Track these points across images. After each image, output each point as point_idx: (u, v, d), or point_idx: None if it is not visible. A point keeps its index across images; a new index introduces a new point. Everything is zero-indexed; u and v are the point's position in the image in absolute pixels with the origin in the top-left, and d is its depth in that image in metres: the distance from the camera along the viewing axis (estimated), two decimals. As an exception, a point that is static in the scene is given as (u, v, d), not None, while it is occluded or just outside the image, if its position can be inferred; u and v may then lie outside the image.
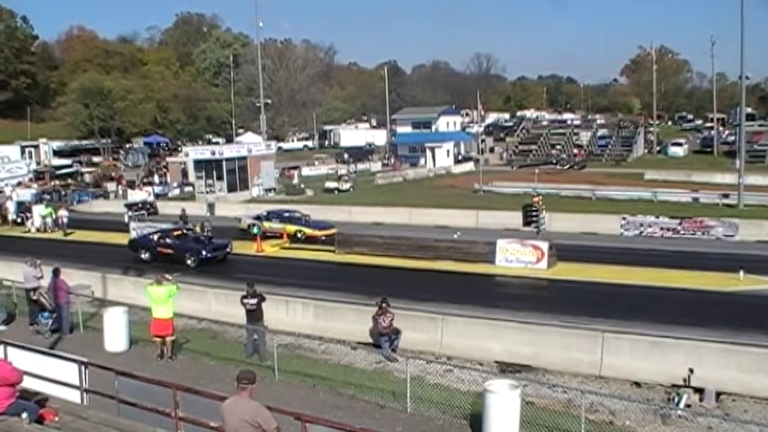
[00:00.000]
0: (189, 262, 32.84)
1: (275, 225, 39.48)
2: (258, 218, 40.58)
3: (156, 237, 35.01)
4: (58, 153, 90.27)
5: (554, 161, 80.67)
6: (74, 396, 13.46)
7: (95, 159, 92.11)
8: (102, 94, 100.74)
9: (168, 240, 34.47)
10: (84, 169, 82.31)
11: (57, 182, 69.69)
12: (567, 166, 77.98)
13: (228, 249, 34.64)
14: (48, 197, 58.44)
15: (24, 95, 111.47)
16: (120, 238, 40.20)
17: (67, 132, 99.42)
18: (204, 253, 33.28)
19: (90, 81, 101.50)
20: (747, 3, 46.84)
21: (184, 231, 36.31)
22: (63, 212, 45.35)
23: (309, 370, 17.80)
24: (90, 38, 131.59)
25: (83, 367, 13.66)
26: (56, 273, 21.62)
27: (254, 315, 19.26)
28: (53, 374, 13.71)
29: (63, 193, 63.53)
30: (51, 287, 21.48)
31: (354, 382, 16.91)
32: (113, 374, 13.24)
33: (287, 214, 40.73)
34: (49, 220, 44.76)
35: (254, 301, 19.21)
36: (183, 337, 20.40)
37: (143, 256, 34.13)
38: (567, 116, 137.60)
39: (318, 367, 18.20)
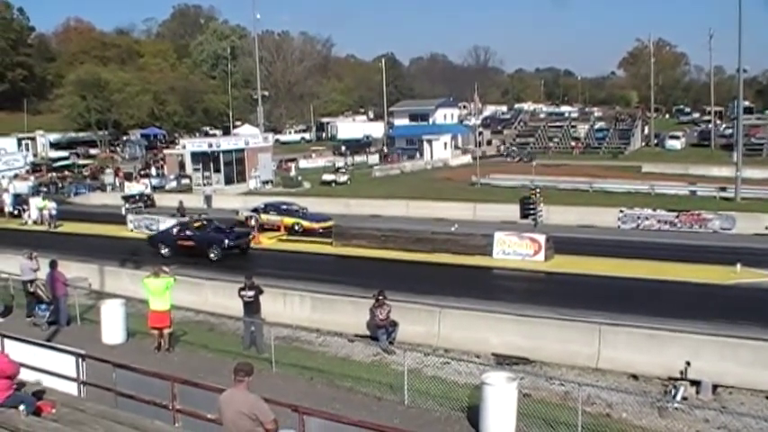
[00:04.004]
0: (212, 255, 32.12)
1: (273, 217, 39.47)
2: (256, 210, 40.57)
3: (175, 230, 34.26)
4: (54, 145, 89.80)
5: (505, 154, 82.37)
6: (71, 388, 13.46)
7: (92, 152, 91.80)
8: (99, 87, 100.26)
9: (188, 233, 33.61)
10: (80, 161, 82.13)
11: (54, 174, 69.54)
12: (516, 159, 79.16)
13: (251, 236, 34.30)
14: (45, 189, 58.30)
15: (21, 87, 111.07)
16: (118, 231, 40.33)
17: (64, 124, 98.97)
18: (227, 242, 32.55)
19: (87, 73, 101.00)
20: (745, -5, 46.82)
21: (204, 222, 35.23)
22: (51, 205, 45.10)
23: (307, 362, 17.83)
24: (87, 30, 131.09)
25: (80, 359, 13.65)
26: (53, 265, 21.58)
27: (252, 307, 19.26)
28: (50, 367, 13.70)
29: (59, 185, 63.43)
30: (49, 279, 21.44)
31: (352, 374, 16.94)
32: (111, 367, 13.23)
33: (284, 207, 40.74)
34: (45, 212, 44.63)
35: (251, 293, 19.20)
36: (180, 329, 20.41)
37: (163, 251, 33.25)
38: (564, 109, 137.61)
39: (316, 360, 18.23)
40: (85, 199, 59.21)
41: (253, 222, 38.96)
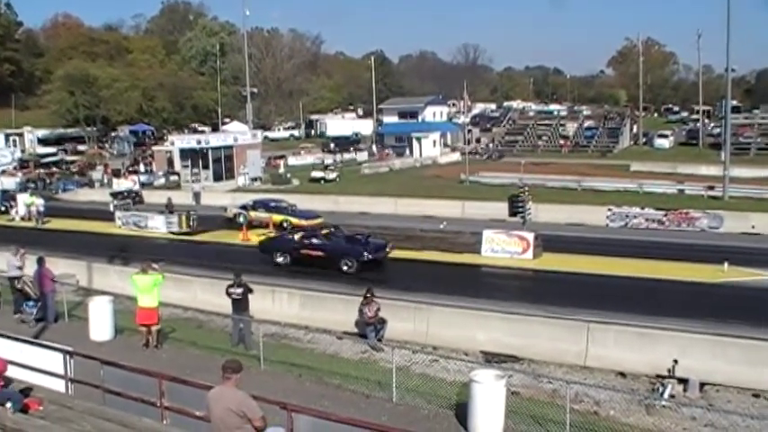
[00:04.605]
0: (345, 267, 28.24)
1: (261, 214, 39.40)
2: (244, 207, 40.51)
3: (298, 236, 30.57)
4: (42, 141, 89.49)
5: (474, 152, 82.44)
6: (59, 385, 13.42)
7: (80, 148, 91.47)
8: (88, 82, 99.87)
9: (316, 241, 29.79)
10: (69, 158, 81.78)
11: (41, 170, 69.26)
12: (485, 157, 79.98)
13: (388, 249, 29.81)
14: (32, 186, 58.06)
15: (8, 83, 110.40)
16: (106, 227, 40.22)
17: (52, 120, 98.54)
18: (366, 254, 28.51)
19: (75, 69, 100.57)
20: (734, -5, 46.91)
21: (331, 229, 31.34)
22: (39, 201, 44.89)
23: (295, 359, 17.82)
24: (75, 25, 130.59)
25: (68, 356, 13.61)
26: (41, 262, 21.50)
27: (240, 304, 19.23)
28: (38, 364, 13.66)
29: (47, 181, 63.16)
30: (36, 276, 21.35)
31: (340, 371, 16.95)
32: (98, 364, 13.19)
33: (273, 204, 40.66)
34: (33, 208, 44.44)
35: (239, 290, 19.17)
36: (168, 326, 20.34)
37: (278, 259, 30.06)
38: (553, 107, 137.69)
39: (304, 357, 18.23)
40: (73, 195, 59.06)
41: (241, 219, 38.92)
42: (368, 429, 10.41)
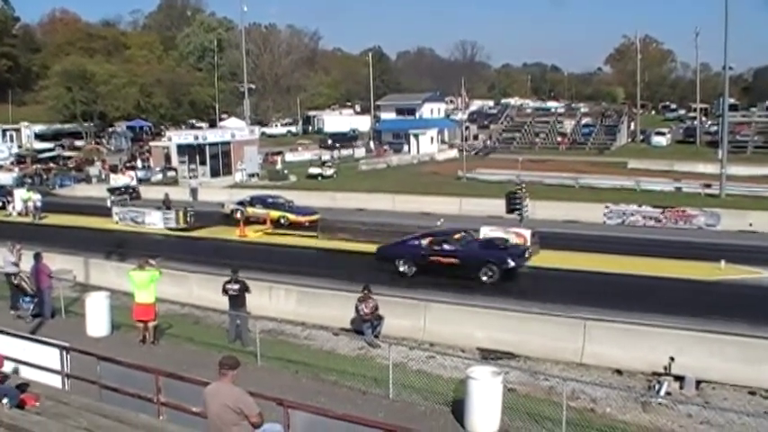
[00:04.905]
0: (485, 277, 25.46)
1: (258, 210, 39.43)
2: (241, 203, 40.54)
3: (426, 242, 27.16)
4: (39, 137, 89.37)
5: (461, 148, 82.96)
6: (55, 381, 13.40)
7: (78, 143, 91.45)
8: (85, 78, 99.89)
9: (448, 247, 26.64)
10: (66, 153, 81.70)
11: (38, 166, 69.19)
12: (474, 153, 79.79)
13: (527, 255, 27.37)
14: (29, 181, 58.03)
15: (5, 78, 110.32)
16: (103, 223, 40.19)
17: (49, 116, 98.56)
18: (510, 261, 25.80)
19: (72, 65, 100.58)
20: (732, -7, 46.93)
21: (463, 233, 27.92)
22: (36, 196, 44.85)
23: (292, 356, 17.82)
24: (73, 21, 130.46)
25: (64, 352, 13.59)
26: (37, 257, 21.48)
27: (237, 301, 19.24)
28: (34, 359, 13.65)
29: (44, 176, 63.11)
30: (33, 271, 21.33)
31: (337, 368, 16.95)
32: (95, 359, 13.17)
33: (270, 200, 40.70)
34: (30, 204, 44.40)
35: (236, 286, 19.17)
36: (165, 322, 20.33)
37: (402, 268, 26.93)
38: (551, 104, 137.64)
39: (301, 353, 18.23)
40: (70, 191, 59.02)
41: (238, 215, 38.90)
42: (364, 426, 10.40)
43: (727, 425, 13.42)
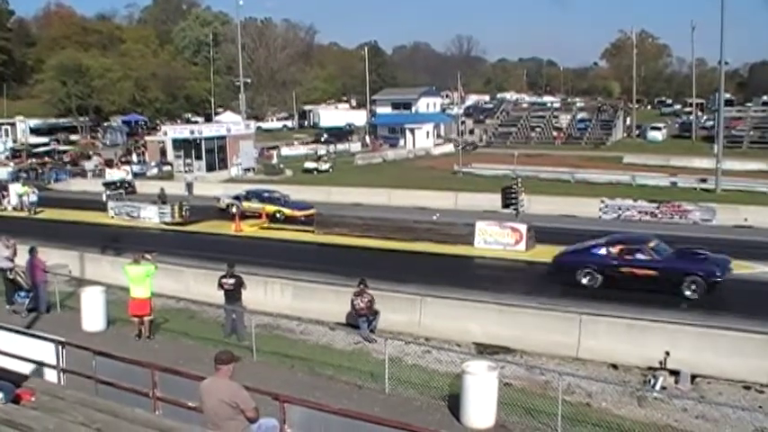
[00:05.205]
0: (688, 292, 21.97)
1: (254, 205, 39.39)
2: (237, 197, 40.48)
3: (616, 250, 23.74)
4: (34, 131, 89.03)
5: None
6: (51, 376, 13.36)
7: (73, 138, 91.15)
8: (80, 72, 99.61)
9: (642, 256, 23.23)
10: (61, 147, 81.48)
11: (34, 160, 69.00)
12: (460, 147, 79.52)
13: (731, 267, 23.04)
14: (24, 175, 57.85)
15: (0, 72, 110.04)
16: (99, 217, 40.13)
17: (45, 110, 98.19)
18: (718, 273, 22.15)
19: (68, 59, 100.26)
20: (728, -12, 47.00)
21: (658, 242, 24.37)
22: (32, 191, 44.71)
23: (288, 350, 17.82)
24: (68, 15, 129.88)
25: (60, 347, 13.55)
26: (32, 252, 21.44)
27: (233, 295, 19.21)
28: (30, 354, 13.59)
29: (40, 171, 62.91)
30: (28, 266, 21.30)
31: (332, 362, 16.96)
32: (91, 354, 13.14)
33: (266, 194, 40.63)
34: (25, 198, 44.31)
35: (232, 281, 19.15)
36: (161, 316, 20.34)
37: (583, 280, 23.82)
38: (546, 99, 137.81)
39: (297, 348, 18.23)
40: (66, 185, 58.87)
41: (234, 210, 38.85)
42: (360, 420, 10.41)
43: (722, 419, 13.45)
